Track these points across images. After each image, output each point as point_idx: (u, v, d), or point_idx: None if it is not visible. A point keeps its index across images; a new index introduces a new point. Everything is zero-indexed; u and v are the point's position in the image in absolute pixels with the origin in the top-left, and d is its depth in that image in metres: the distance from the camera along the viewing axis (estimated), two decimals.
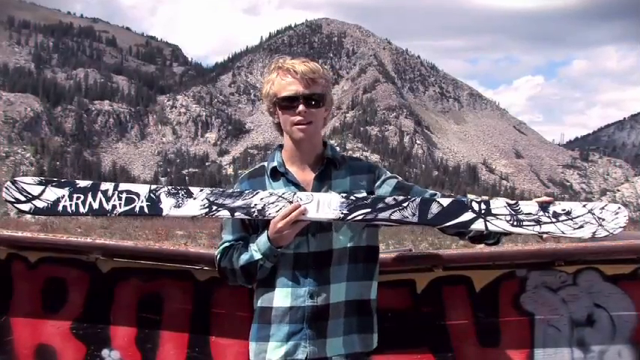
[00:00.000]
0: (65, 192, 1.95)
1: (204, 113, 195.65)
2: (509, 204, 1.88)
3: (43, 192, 1.95)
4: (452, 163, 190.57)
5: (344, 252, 1.98)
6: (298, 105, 1.95)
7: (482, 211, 1.87)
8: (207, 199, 1.94)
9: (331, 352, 1.95)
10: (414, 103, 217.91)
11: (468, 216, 1.86)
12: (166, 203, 1.94)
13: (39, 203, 1.94)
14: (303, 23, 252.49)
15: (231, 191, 1.97)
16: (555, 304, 2.50)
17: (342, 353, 1.96)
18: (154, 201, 1.94)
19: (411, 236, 19.44)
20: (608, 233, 1.81)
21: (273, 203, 1.91)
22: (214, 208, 1.93)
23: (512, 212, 1.86)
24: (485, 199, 1.89)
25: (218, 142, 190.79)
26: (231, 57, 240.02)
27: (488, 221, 1.86)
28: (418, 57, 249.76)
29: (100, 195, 1.95)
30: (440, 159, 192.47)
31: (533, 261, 2.51)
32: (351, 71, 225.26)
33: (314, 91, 1.96)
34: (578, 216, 1.83)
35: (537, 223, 1.84)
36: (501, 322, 2.50)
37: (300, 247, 1.96)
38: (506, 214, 1.86)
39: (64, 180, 2.00)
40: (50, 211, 1.94)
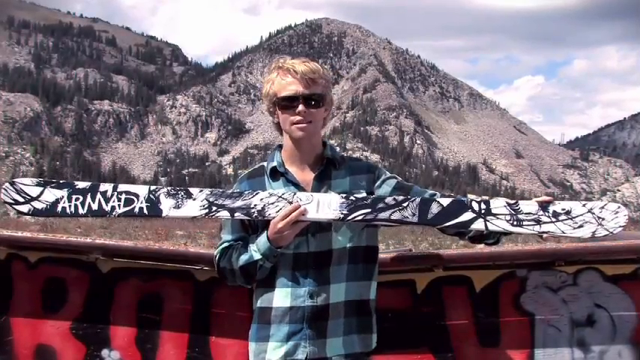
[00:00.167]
0: (64, 193, 1.95)
1: (204, 113, 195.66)
2: (509, 204, 1.88)
3: (41, 193, 1.94)
4: (452, 163, 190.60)
5: (343, 252, 1.98)
6: (298, 105, 1.95)
7: (482, 210, 1.86)
8: (207, 200, 1.93)
9: (331, 353, 1.95)
10: (414, 103, 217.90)
11: (467, 216, 1.86)
12: (166, 204, 1.94)
13: (38, 205, 1.94)
14: (303, 23, 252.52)
15: (230, 192, 1.96)
16: (555, 304, 2.50)
17: (341, 353, 1.96)
18: (154, 202, 1.94)
19: (411, 236, 19.46)
20: (608, 232, 1.80)
21: (273, 204, 1.91)
22: (214, 208, 1.92)
23: (512, 212, 1.86)
24: (485, 199, 1.89)
25: (218, 142, 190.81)
26: (231, 57, 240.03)
27: (488, 221, 1.85)
28: (418, 57, 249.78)
29: (99, 196, 1.94)
30: (440, 159, 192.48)
31: (533, 261, 2.51)
32: (351, 71, 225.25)
33: (314, 91, 1.96)
34: (578, 215, 1.83)
35: (537, 222, 1.84)
36: (501, 322, 2.50)
37: (300, 248, 1.96)
38: (506, 214, 1.86)
39: (62, 181, 1.99)
40: (49, 212, 1.93)
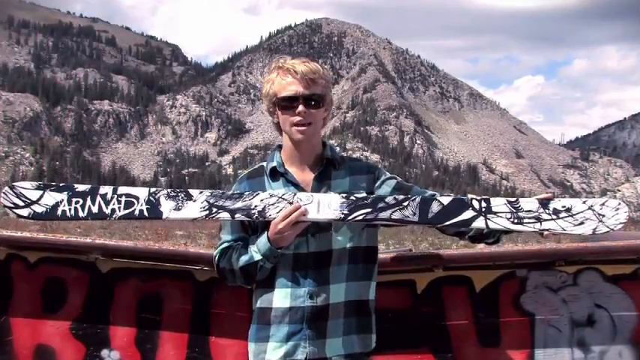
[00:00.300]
0: (64, 196, 1.94)
1: (203, 113, 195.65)
2: (509, 202, 1.88)
3: (41, 197, 1.94)
4: (452, 163, 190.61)
5: (343, 252, 1.97)
6: (298, 105, 1.94)
7: (483, 209, 1.86)
8: (207, 202, 1.93)
9: (330, 353, 1.95)
10: (414, 103, 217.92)
11: (468, 214, 1.86)
12: (166, 206, 1.93)
13: (38, 208, 1.93)
14: (303, 23, 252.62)
15: (230, 193, 1.96)
16: (556, 304, 2.50)
17: (341, 353, 1.96)
18: (154, 204, 1.94)
19: (411, 236, 19.44)
20: (608, 229, 1.80)
21: (273, 204, 1.90)
22: (214, 210, 1.92)
23: (513, 210, 1.85)
24: (485, 198, 1.89)
25: (218, 142, 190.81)
26: (231, 57, 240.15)
27: (489, 219, 1.85)
28: (418, 57, 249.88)
29: (99, 199, 1.94)
30: (440, 159, 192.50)
31: (533, 261, 2.51)
32: (351, 71, 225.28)
33: (314, 91, 1.96)
34: (579, 212, 1.82)
35: (538, 220, 1.83)
36: (502, 322, 2.50)
37: (300, 248, 1.96)
38: (506, 212, 1.85)
39: (62, 184, 1.98)
40: (49, 215, 1.93)
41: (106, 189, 1.96)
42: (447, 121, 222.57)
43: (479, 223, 1.85)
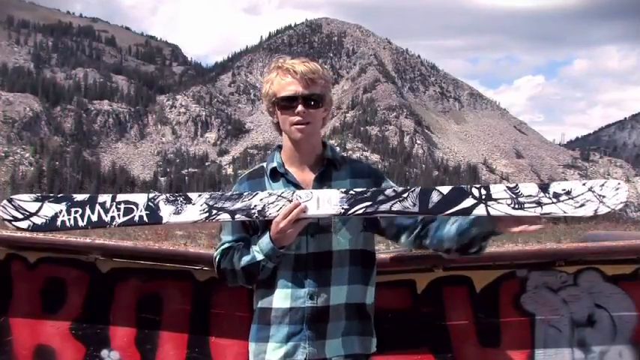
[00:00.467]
0: (63, 207, 1.94)
1: (203, 113, 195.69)
2: (509, 187, 1.87)
3: (40, 208, 1.94)
4: (452, 163, 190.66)
5: (344, 254, 1.97)
6: (297, 105, 1.94)
7: (483, 196, 1.85)
8: (207, 204, 1.92)
9: (330, 353, 1.94)
10: (415, 103, 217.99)
11: (468, 202, 1.85)
12: (165, 211, 1.93)
13: (37, 220, 1.93)
14: (303, 23, 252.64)
15: (230, 194, 1.95)
16: (556, 304, 2.50)
17: (341, 354, 1.95)
18: (153, 209, 1.93)
19: None
20: (609, 209, 1.79)
21: (272, 203, 1.90)
22: (214, 212, 1.91)
23: (513, 195, 1.84)
24: (485, 185, 1.88)
25: (218, 142, 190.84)
26: (230, 57, 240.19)
27: (489, 206, 1.84)
28: (418, 57, 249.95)
29: (98, 207, 1.94)
30: (440, 159, 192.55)
31: (533, 261, 2.51)
32: (351, 71, 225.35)
33: (313, 91, 1.95)
34: (579, 195, 1.80)
35: (538, 204, 1.82)
36: (502, 322, 2.50)
37: (300, 248, 1.96)
38: (506, 198, 1.84)
39: (60, 195, 1.99)
40: (49, 227, 1.93)
41: (104, 197, 1.96)
42: (447, 121, 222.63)
43: (479, 211, 1.84)
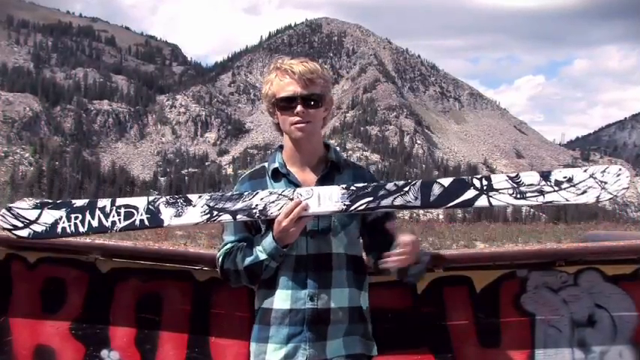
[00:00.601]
0: (62, 213, 1.93)
1: (203, 113, 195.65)
2: (510, 177, 1.86)
3: (40, 216, 1.92)
4: (452, 163, 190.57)
5: (342, 258, 1.97)
6: (296, 105, 1.93)
7: (484, 187, 1.84)
8: (207, 205, 1.92)
9: (331, 354, 1.94)
10: (415, 103, 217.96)
11: (470, 194, 1.84)
12: (166, 213, 1.92)
13: (37, 227, 1.92)
14: (303, 23, 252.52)
15: (230, 194, 1.95)
16: (556, 304, 2.49)
17: (342, 354, 1.95)
18: (154, 212, 1.93)
19: None
20: (612, 196, 1.78)
21: (274, 202, 1.89)
22: (215, 213, 1.91)
23: (514, 185, 1.83)
24: (486, 176, 1.87)
25: (217, 142, 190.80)
26: (230, 56, 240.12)
27: (491, 197, 1.83)
28: (418, 56, 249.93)
29: (98, 212, 1.93)
30: (440, 159, 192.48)
31: (533, 261, 2.50)
32: (351, 71, 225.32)
33: (312, 91, 1.95)
34: (581, 182, 1.80)
35: (540, 193, 1.81)
36: (502, 322, 2.50)
37: (299, 250, 1.95)
38: (508, 188, 1.83)
39: (59, 201, 1.97)
40: (49, 234, 1.92)
41: (104, 202, 1.95)
42: (447, 121, 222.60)
43: (481, 202, 1.83)
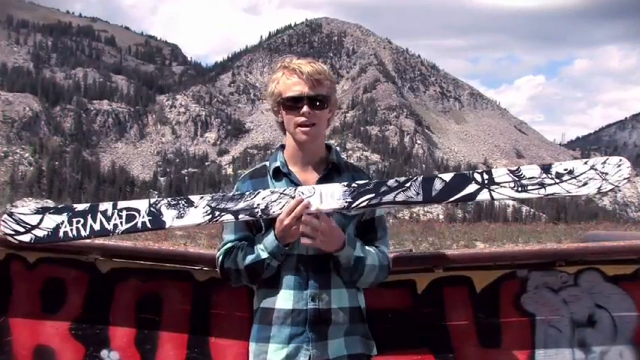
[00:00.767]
0: (64, 217, 1.93)
1: (203, 113, 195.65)
2: (511, 171, 1.86)
3: (41, 220, 1.93)
4: (452, 163, 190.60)
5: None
6: (302, 106, 1.94)
7: (486, 181, 1.84)
8: (209, 206, 1.92)
9: (333, 354, 1.94)
10: (415, 103, 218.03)
11: (471, 188, 1.84)
12: (168, 215, 1.92)
13: (39, 232, 1.92)
14: (303, 23, 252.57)
15: (231, 194, 1.95)
16: (556, 304, 2.49)
17: (344, 354, 1.95)
18: (156, 215, 1.93)
19: (412, 236, 19.40)
20: (613, 186, 1.78)
21: (275, 201, 1.89)
22: (217, 213, 1.91)
23: (516, 178, 1.83)
24: (487, 170, 1.88)
25: (217, 142, 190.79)
26: (230, 56, 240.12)
27: (493, 190, 1.83)
28: (419, 56, 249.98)
29: (99, 216, 1.93)
30: (440, 159, 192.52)
31: (534, 261, 2.50)
32: (352, 71, 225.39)
33: (319, 92, 1.95)
34: (581, 174, 1.80)
35: (541, 186, 1.82)
36: (502, 322, 2.49)
37: (300, 250, 1.95)
38: (509, 181, 1.83)
39: (61, 206, 1.98)
40: (51, 238, 1.92)
41: (105, 205, 1.95)
42: (448, 120, 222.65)
43: (483, 196, 1.83)
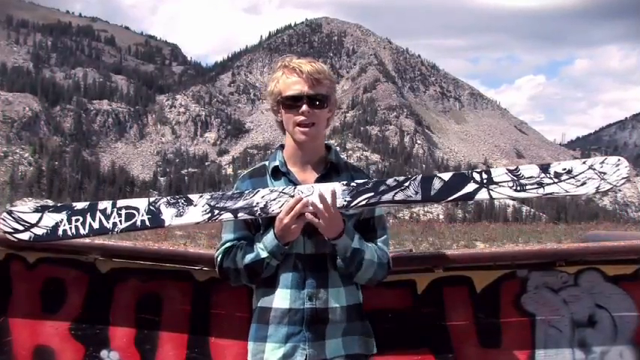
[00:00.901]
0: (63, 216, 1.93)
1: (203, 113, 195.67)
2: (509, 170, 1.87)
3: (40, 219, 1.93)
4: (452, 163, 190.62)
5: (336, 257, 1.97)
6: (302, 105, 1.94)
7: (485, 180, 1.85)
8: (208, 205, 1.92)
9: (331, 354, 1.94)
10: (415, 103, 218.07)
11: (470, 187, 1.84)
12: (167, 214, 1.93)
13: (38, 231, 1.92)
14: (303, 22, 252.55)
15: (231, 193, 1.95)
16: (556, 304, 2.49)
17: (341, 354, 1.95)
18: (155, 213, 1.93)
19: (412, 236, 19.39)
20: (611, 186, 1.78)
21: (275, 200, 1.90)
22: (216, 212, 1.91)
23: (514, 178, 1.84)
24: (486, 169, 1.88)
25: (217, 142, 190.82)
26: (230, 56, 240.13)
27: (492, 190, 1.84)
28: (419, 56, 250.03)
29: (98, 214, 1.93)
30: (440, 159, 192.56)
31: (534, 261, 2.50)
32: (352, 71, 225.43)
33: (318, 91, 1.95)
34: (580, 173, 1.81)
35: (540, 185, 1.82)
36: (502, 322, 2.49)
37: (297, 249, 1.95)
38: (508, 181, 1.84)
39: (60, 204, 1.98)
40: (50, 237, 1.92)
41: (104, 204, 1.95)
42: (448, 120, 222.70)
43: (482, 195, 1.84)
